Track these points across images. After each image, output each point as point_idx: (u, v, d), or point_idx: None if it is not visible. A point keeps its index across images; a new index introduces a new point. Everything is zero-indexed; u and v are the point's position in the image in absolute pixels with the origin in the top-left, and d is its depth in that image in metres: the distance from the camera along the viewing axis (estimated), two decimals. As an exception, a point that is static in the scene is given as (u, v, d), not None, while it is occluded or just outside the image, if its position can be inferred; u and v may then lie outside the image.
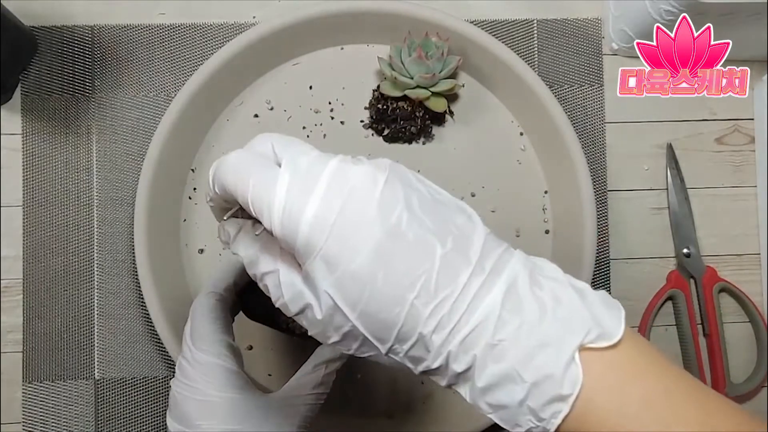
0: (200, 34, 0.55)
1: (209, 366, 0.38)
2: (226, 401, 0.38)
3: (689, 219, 0.56)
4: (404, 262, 0.26)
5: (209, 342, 0.39)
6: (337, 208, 0.26)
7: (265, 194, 0.27)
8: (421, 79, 0.51)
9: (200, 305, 0.41)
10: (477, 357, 0.27)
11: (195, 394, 0.38)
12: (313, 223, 0.26)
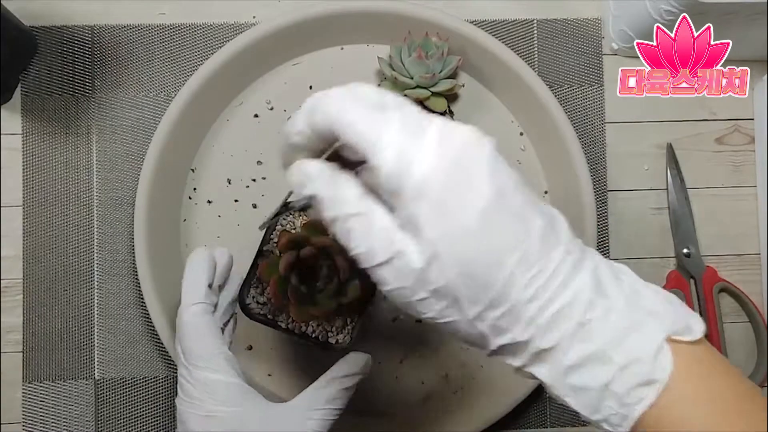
0: (200, 34, 0.55)
1: (209, 383, 0.39)
2: (230, 414, 0.38)
3: (689, 219, 0.56)
4: (508, 227, 0.26)
5: (205, 359, 0.39)
6: (451, 157, 0.26)
7: (374, 131, 0.26)
8: (421, 79, 0.51)
9: (190, 323, 0.40)
10: (565, 335, 0.27)
11: (199, 410, 0.38)
12: (427, 168, 0.25)
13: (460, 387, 0.54)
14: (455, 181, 0.26)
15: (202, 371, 0.39)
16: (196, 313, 0.40)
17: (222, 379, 0.39)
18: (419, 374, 0.54)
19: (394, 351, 0.54)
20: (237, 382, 0.39)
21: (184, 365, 0.39)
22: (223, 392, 0.38)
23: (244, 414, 0.38)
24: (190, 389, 0.39)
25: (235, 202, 0.54)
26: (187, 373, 0.39)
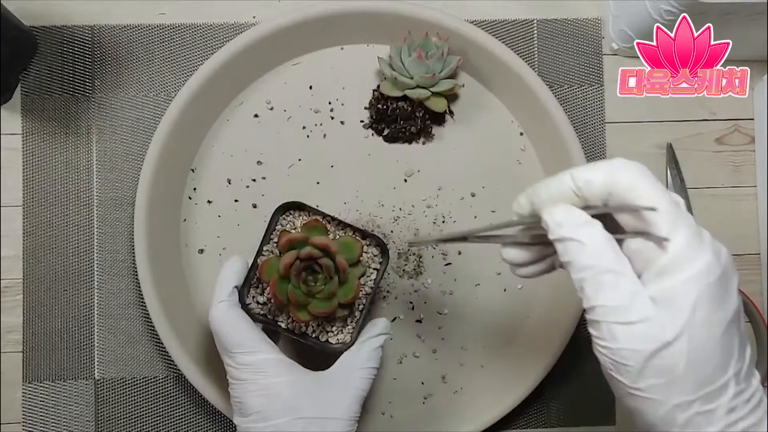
0: (200, 34, 0.55)
1: (257, 362, 0.42)
2: (285, 383, 0.42)
3: (689, 219, 0.56)
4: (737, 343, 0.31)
5: (246, 344, 0.43)
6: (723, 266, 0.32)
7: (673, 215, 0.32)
8: (421, 79, 0.51)
9: (220, 317, 0.44)
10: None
11: (253, 389, 0.42)
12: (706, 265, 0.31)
13: (460, 387, 0.54)
14: (721, 287, 0.31)
15: (245, 356, 0.42)
16: (225, 308, 0.44)
17: (266, 357, 0.42)
18: (419, 374, 0.54)
19: (394, 351, 0.54)
20: (280, 357, 0.43)
21: (228, 354, 0.43)
22: (272, 368, 0.42)
23: (295, 382, 0.42)
24: (239, 374, 0.42)
25: (235, 202, 0.54)
26: (231, 361, 0.43)
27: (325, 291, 0.45)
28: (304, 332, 0.47)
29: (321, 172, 0.55)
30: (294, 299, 0.44)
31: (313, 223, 0.46)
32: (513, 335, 0.54)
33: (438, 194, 0.55)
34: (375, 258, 0.48)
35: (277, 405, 0.41)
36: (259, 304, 0.47)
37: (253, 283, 0.47)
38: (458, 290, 0.54)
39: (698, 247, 0.31)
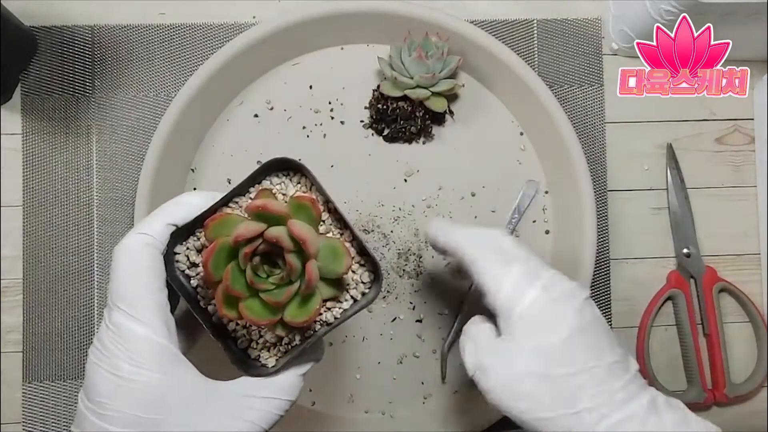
0: (200, 34, 0.55)
1: (129, 335, 0.31)
2: (147, 382, 0.31)
3: (689, 219, 0.56)
4: (584, 353, 0.36)
5: (128, 301, 0.32)
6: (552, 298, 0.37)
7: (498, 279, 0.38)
8: (421, 79, 0.51)
9: (127, 253, 0.33)
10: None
11: (109, 367, 0.31)
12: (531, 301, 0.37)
13: (460, 387, 0.54)
14: (551, 314, 0.36)
15: (122, 317, 0.32)
16: (138, 244, 0.33)
17: (145, 334, 0.31)
18: (419, 374, 0.54)
19: (394, 351, 0.54)
20: (163, 343, 0.32)
21: (108, 304, 0.33)
22: (144, 351, 0.31)
23: (163, 384, 0.31)
24: (105, 337, 0.32)
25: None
26: (107, 315, 0.32)
27: (273, 295, 0.33)
28: (231, 334, 0.36)
29: (321, 172, 0.54)
30: (228, 284, 0.32)
31: (306, 201, 0.34)
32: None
33: (438, 194, 0.55)
34: (360, 284, 0.36)
35: (127, 406, 0.31)
36: (190, 265, 0.36)
37: (196, 233, 0.36)
38: (458, 290, 0.54)
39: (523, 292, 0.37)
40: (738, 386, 0.55)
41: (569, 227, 0.54)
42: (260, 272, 0.33)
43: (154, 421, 0.31)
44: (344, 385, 0.54)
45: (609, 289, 0.56)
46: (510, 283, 0.37)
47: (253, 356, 0.36)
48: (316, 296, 0.33)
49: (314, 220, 0.34)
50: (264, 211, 0.32)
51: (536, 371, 0.35)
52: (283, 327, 0.34)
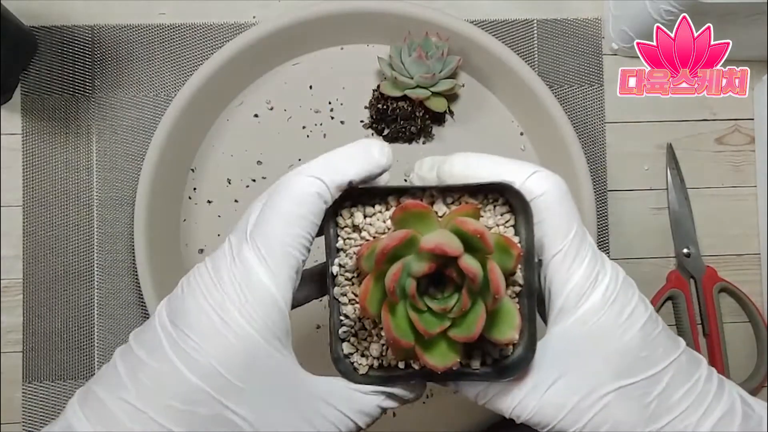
0: (200, 34, 0.55)
1: (254, 280, 0.27)
2: (248, 343, 0.26)
3: (689, 219, 0.56)
4: (663, 342, 0.30)
5: (274, 248, 0.27)
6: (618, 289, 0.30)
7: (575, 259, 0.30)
8: (421, 79, 0.51)
9: (289, 191, 0.28)
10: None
11: (213, 300, 0.27)
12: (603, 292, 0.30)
13: (460, 387, 0.54)
14: (621, 309, 0.29)
15: (256, 258, 0.27)
16: (307, 189, 0.28)
17: (272, 292, 0.27)
18: (419, 374, 0.54)
19: (394, 351, 0.54)
20: (284, 311, 0.27)
21: (241, 233, 0.28)
22: (262, 309, 0.27)
23: (263, 355, 0.27)
24: (224, 268, 0.27)
25: (235, 202, 0.54)
26: (236, 244, 0.28)
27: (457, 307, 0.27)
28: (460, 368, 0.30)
29: (321, 172, 0.54)
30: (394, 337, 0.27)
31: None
32: (513, 335, 0.54)
33: (438, 194, 0.55)
34: (504, 224, 0.30)
35: (214, 355, 0.26)
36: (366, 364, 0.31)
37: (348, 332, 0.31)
38: (458, 290, 0.54)
39: (595, 275, 0.30)
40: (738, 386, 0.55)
41: (569, 227, 0.54)
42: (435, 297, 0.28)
43: (232, 388, 0.26)
44: (344, 385, 0.53)
45: (609, 289, 0.56)
46: (582, 270, 0.29)
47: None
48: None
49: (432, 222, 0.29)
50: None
51: (615, 385, 0.29)
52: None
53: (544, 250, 0.30)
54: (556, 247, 0.29)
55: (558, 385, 0.29)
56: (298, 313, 0.32)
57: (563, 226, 0.30)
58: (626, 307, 0.29)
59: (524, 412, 0.29)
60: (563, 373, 0.29)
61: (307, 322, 0.53)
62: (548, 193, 0.30)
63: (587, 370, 0.29)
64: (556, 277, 0.29)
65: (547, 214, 0.30)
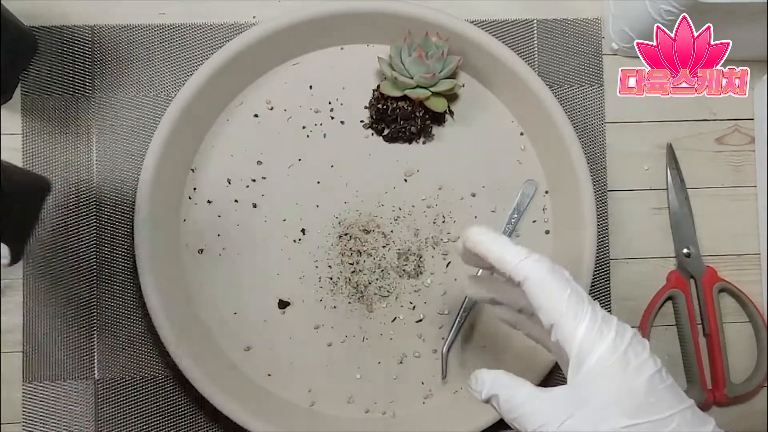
0: (200, 34, 0.55)
1: None
2: None
3: (689, 219, 0.56)
4: (668, 395, 0.34)
5: None
6: (624, 347, 0.35)
7: (571, 319, 0.35)
8: (421, 79, 0.51)
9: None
10: None
11: None
12: (607, 349, 0.34)
13: (460, 387, 0.54)
14: (627, 361, 0.34)
15: None
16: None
17: None
18: (419, 374, 0.54)
19: (394, 351, 0.54)
20: None
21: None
22: None
23: None
24: None
25: (235, 202, 0.54)
26: None
27: None
28: None
29: (321, 172, 0.55)
30: None
31: None
32: (513, 335, 0.54)
33: (438, 194, 0.55)
34: None
35: None
36: None
37: None
38: (458, 290, 0.54)
39: (599, 331, 0.35)
40: (738, 386, 0.55)
41: (569, 227, 0.54)
42: None
43: None
44: (344, 385, 0.54)
45: (609, 289, 0.56)
46: (584, 326, 0.35)
47: None
48: None
49: None
50: None
51: (621, 424, 0.33)
52: None
53: (546, 320, 0.36)
54: (554, 316, 0.35)
55: (569, 422, 0.33)
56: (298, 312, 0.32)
57: (553, 298, 0.35)
58: (635, 358, 0.34)
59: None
60: (575, 412, 0.34)
61: (307, 322, 0.54)
62: (530, 278, 0.36)
63: (597, 408, 0.33)
64: (562, 337, 0.35)
65: (538, 291, 0.36)
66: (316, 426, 0.52)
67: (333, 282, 0.54)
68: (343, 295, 0.54)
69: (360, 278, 0.54)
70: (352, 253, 0.54)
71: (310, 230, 0.54)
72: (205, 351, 0.52)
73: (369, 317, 0.54)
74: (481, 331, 0.54)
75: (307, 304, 0.54)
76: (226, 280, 0.53)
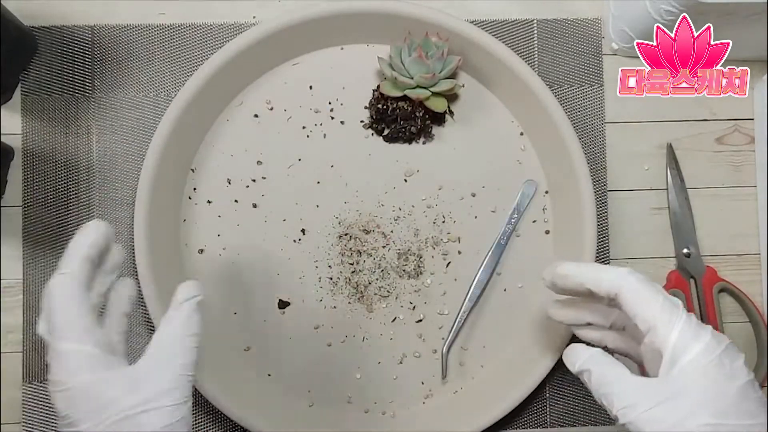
0: (200, 34, 0.55)
1: (62, 354, 0.36)
2: (83, 385, 0.36)
3: (689, 219, 0.56)
4: (755, 406, 0.35)
5: (59, 329, 0.37)
6: (721, 350, 0.36)
7: (666, 315, 0.37)
8: (421, 79, 0.51)
9: (48, 293, 0.38)
10: None
11: (57, 386, 0.36)
12: (702, 349, 0.36)
13: (460, 387, 0.54)
14: (722, 366, 0.36)
15: (57, 342, 0.36)
16: (60, 282, 0.38)
17: (72, 348, 0.36)
18: (419, 374, 0.54)
19: (394, 351, 0.54)
20: (88, 350, 0.36)
21: (47, 339, 0.37)
22: (73, 362, 0.36)
23: (98, 382, 0.36)
24: (50, 365, 0.37)
25: (235, 202, 0.54)
26: (48, 347, 0.37)
27: None
28: None
29: (321, 172, 0.55)
30: None
31: None
32: (513, 335, 0.54)
33: (438, 194, 0.55)
34: None
35: (82, 407, 0.36)
36: None
37: None
38: (458, 290, 0.54)
39: (694, 334, 0.36)
40: None
41: (569, 227, 0.54)
42: None
43: (104, 407, 0.36)
44: (344, 385, 0.54)
45: (609, 289, 0.56)
46: (679, 328, 0.37)
47: None
48: None
49: None
50: None
51: (708, 422, 0.34)
52: None
53: (644, 325, 0.38)
54: (650, 320, 0.37)
55: (656, 410, 0.35)
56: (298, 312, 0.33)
57: (649, 305, 0.38)
58: (730, 363, 0.36)
59: (623, 418, 0.36)
60: (663, 402, 0.35)
61: (307, 322, 0.54)
62: (625, 289, 0.39)
63: (686, 403, 0.35)
64: (658, 339, 0.37)
65: (634, 300, 0.39)
66: (316, 426, 0.52)
67: (333, 282, 0.54)
68: (343, 295, 0.54)
69: (360, 278, 0.54)
70: (352, 253, 0.54)
71: (310, 230, 0.54)
72: (205, 351, 0.51)
73: (369, 317, 0.54)
74: (481, 331, 0.54)
75: (307, 304, 0.54)
76: (226, 280, 0.53)
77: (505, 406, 0.51)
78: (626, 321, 0.42)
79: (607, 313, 0.43)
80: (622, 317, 0.42)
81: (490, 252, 0.54)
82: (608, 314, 0.44)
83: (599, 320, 0.44)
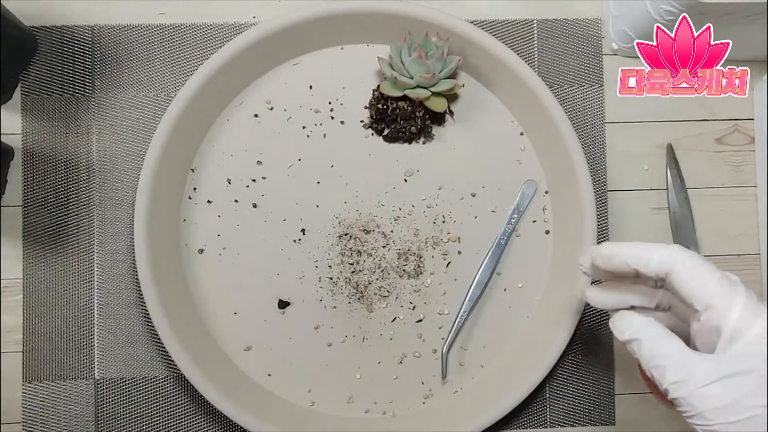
0: (200, 34, 0.55)
1: None
2: None
3: (689, 219, 0.56)
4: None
5: None
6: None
7: (724, 297, 0.36)
8: (421, 79, 0.51)
9: None
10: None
11: None
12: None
13: (460, 387, 0.54)
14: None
15: None
16: None
17: None
18: (419, 374, 0.54)
19: (394, 351, 0.54)
20: None
21: None
22: None
23: None
24: None
25: (235, 202, 0.54)
26: None
27: None
28: None
29: (321, 172, 0.55)
30: None
31: None
32: (513, 335, 0.54)
33: (438, 194, 0.55)
34: None
35: None
36: None
37: None
38: (458, 290, 0.54)
39: (757, 310, 0.35)
40: None
41: (569, 227, 0.54)
42: None
43: None
44: (344, 385, 0.54)
45: (609, 289, 0.56)
46: (741, 305, 0.35)
47: None
48: None
49: None
50: None
51: (766, 403, 0.34)
52: None
53: (701, 304, 0.36)
54: (708, 298, 0.35)
55: (712, 387, 0.34)
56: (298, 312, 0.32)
57: (706, 282, 0.36)
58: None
59: (675, 392, 0.35)
60: (719, 379, 0.34)
61: (307, 322, 0.54)
62: (678, 266, 0.36)
63: (745, 382, 0.34)
64: (717, 316, 0.35)
65: (689, 278, 0.36)
66: (316, 426, 0.52)
67: (333, 282, 0.54)
68: (343, 295, 0.54)
69: (360, 278, 0.54)
70: (352, 253, 0.54)
71: (310, 230, 0.54)
72: (205, 351, 0.52)
73: (369, 317, 0.54)
74: (481, 331, 0.54)
75: (307, 304, 0.54)
76: (226, 280, 0.53)
77: (505, 406, 0.51)
78: (672, 300, 0.41)
79: (652, 294, 0.41)
80: (667, 297, 0.41)
81: (490, 252, 0.54)
82: (653, 295, 0.41)
83: (644, 302, 0.41)
